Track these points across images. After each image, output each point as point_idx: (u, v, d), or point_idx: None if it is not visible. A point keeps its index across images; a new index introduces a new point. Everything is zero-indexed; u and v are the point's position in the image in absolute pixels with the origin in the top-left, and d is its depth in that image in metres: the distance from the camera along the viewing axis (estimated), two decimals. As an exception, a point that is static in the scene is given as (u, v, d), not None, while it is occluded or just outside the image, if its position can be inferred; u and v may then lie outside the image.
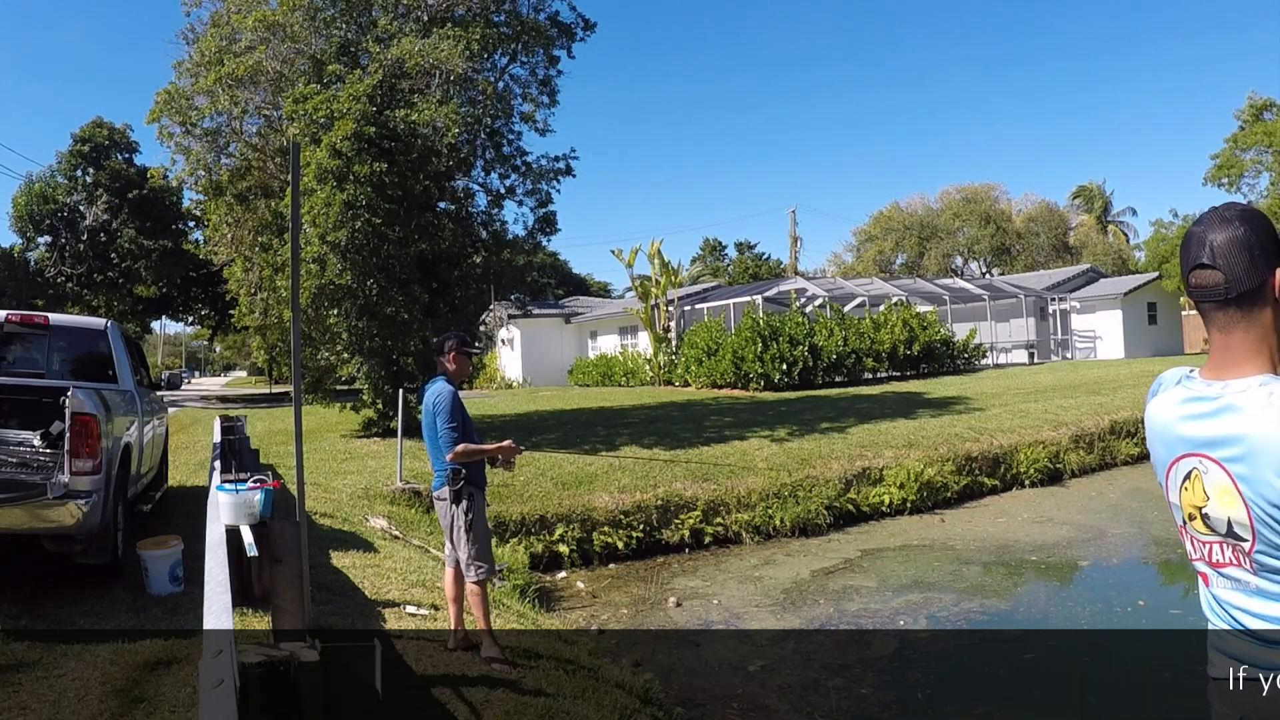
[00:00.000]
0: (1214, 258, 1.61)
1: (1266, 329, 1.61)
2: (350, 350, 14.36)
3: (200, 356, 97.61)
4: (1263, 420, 1.55)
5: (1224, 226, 1.61)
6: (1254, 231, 1.60)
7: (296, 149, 4.41)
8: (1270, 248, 1.60)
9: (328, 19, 15.14)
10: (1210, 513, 1.69)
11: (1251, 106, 29.93)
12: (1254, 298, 1.60)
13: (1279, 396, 1.54)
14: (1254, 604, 1.67)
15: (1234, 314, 1.62)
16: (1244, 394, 1.58)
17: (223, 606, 3.15)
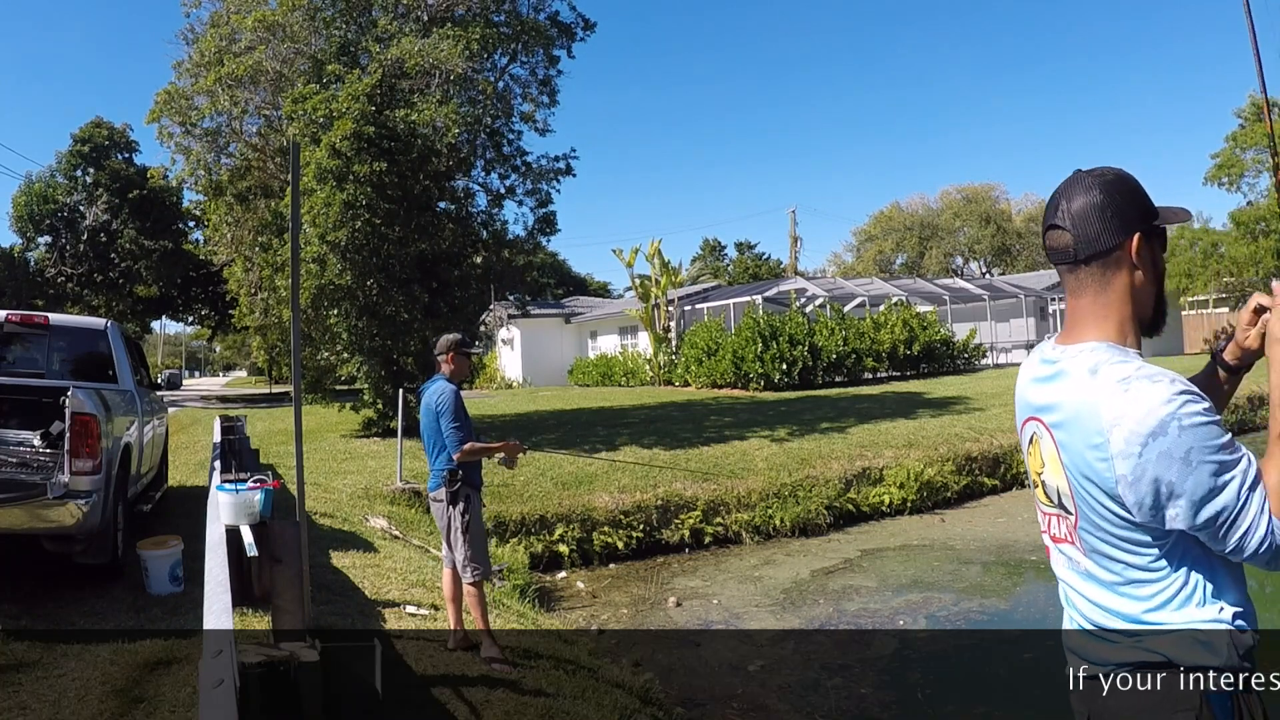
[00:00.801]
0: (1066, 220, 1.57)
1: (1120, 294, 1.57)
2: (350, 350, 14.36)
3: (200, 356, 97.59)
4: (1081, 388, 1.52)
5: (1082, 190, 1.57)
6: (1111, 195, 1.55)
7: (296, 149, 4.41)
8: (1129, 213, 1.55)
9: (327, 19, 15.14)
10: (1046, 480, 1.63)
11: (1254, 105, 29.90)
12: (1106, 262, 1.56)
13: (1103, 366, 1.51)
14: (1086, 588, 1.61)
15: (1084, 278, 1.58)
16: (1075, 359, 1.55)
17: (223, 606, 3.15)
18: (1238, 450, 1.46)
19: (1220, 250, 28.69)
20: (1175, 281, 29.42)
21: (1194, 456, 1.42)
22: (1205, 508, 1.43)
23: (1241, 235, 28.12)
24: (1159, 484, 1.44)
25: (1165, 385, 1.45)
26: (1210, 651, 1.50)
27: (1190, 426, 1.42)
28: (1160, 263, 1.60)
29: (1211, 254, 28.72)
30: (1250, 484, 1.45)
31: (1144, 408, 1.43)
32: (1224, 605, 1.52)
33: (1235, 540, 1.45)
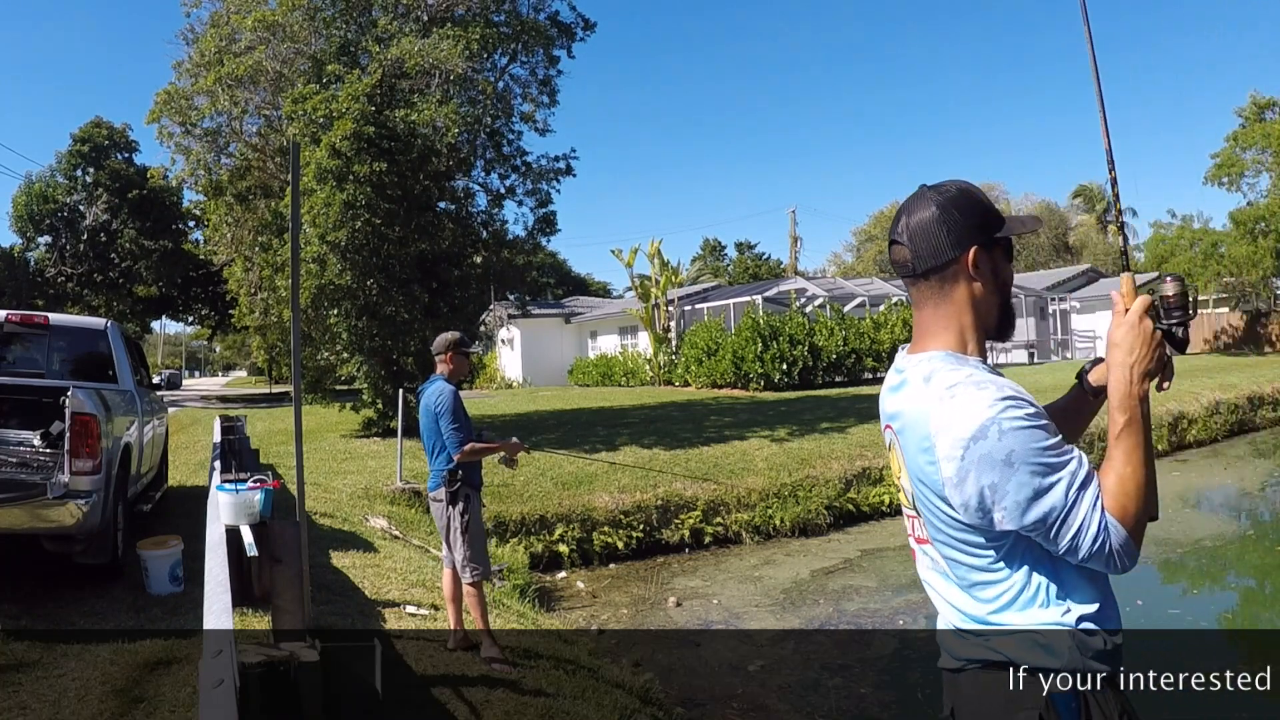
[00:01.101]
0: (904, 235, 1.62)
1: (959, 305, 1.60)
2: (350, 350, 14.37)
3: (200, 356, 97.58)
4: (916, 396, 1.57)
5: (920, 206, 1.61)
6: (947, 210, 1.58)
7: (296, 149, 4.41)
8: (965, 227, 1.58)
9: (327, 19, 15.14)
10: (902, 484, 1.69)
11: (1254, 104, 29.90)
12: (944, 275, 1.60)
13: (936, 374, 1.55)
14: (943, 587, 1.65)
15: (925, 290, 1.62)
16: (915, 368, 1.60)
17: (223, 606, 3.16)
18: (1067, 453, 1.48)
19: (1221, 250, 28.67)
20: (1175, 281, 29.40)
21: (1015, 459, 1.44)
22: (1032, 509, 1.45)
23: (1241, 235, 28.11)
24: (982, 486, 1.46)
25: (990, 391, 1.48)
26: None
27: (1011, 430, 1.45)
28: (1003, 273, 1.63)
29: (1212, 254, 28.70)
30: (1080, 484, 1.46)
31: (966, 413, 1.47)
32: (1069, 607, 1.53)
33: (1068, 541, 1.47)
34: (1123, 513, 1.48)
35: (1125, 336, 1.55)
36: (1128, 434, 1.51)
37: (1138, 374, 1.53)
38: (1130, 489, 1.49)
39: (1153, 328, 1.55)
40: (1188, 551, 10.19)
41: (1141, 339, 1.54)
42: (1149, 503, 1.50)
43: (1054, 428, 1.50)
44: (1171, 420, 17.30)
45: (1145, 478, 1.50)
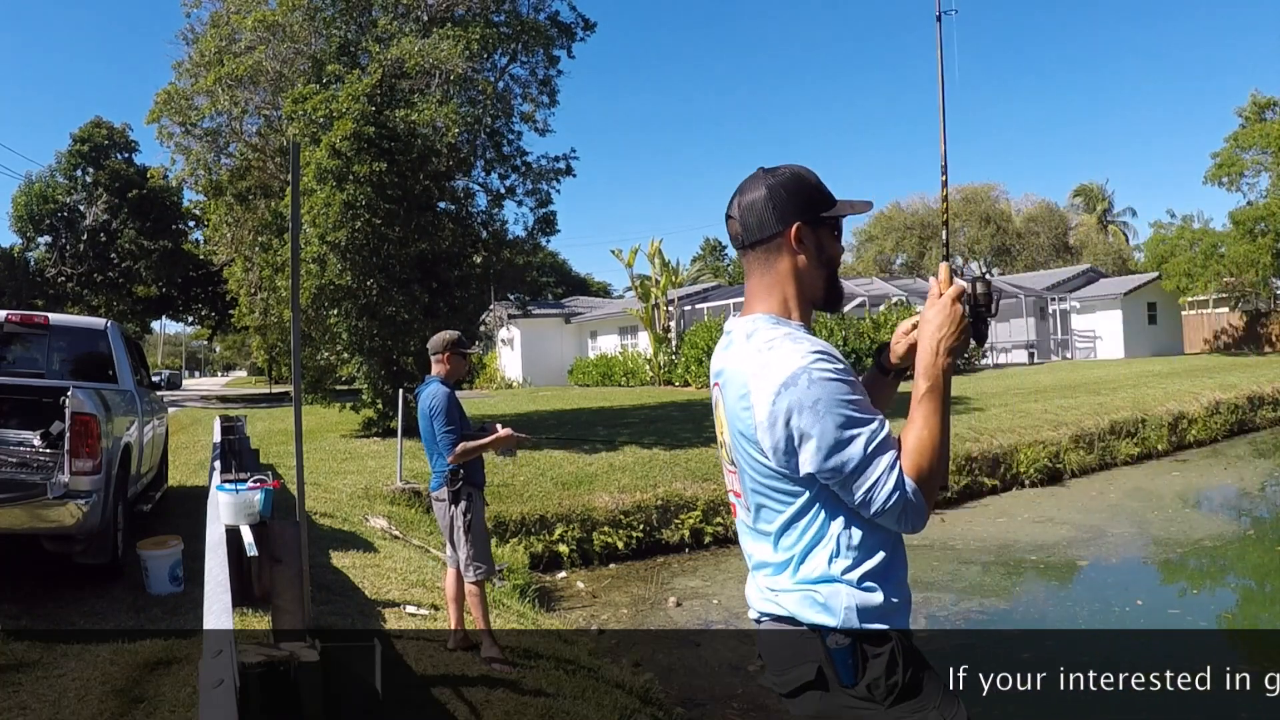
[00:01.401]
0: (736, 211, 1.76)
1: (782, 275, 1.73)
2: (350, 350, 14.37)
3: (200, 356, 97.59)
4: (738, 351, 1.70)
5: (752, 185, 1.75)
6: (774, 190, 1.72)
7: (296, 149, 4.41)
8: (791, 204, 1.71)
9: (327, 19, 15.14)
10: (723, 439, 1.79)
11: (1255, 104, 29.88)
12: (769, 247, 1.73)
13: (757, 332, 1.69)
14: (748, 540, 1.76)
15: (753, 260, 1.76)
16: (740, 328, 1.74)
17: (223, 606, 3.16)
18: (871, 414, 1.60)
19: (1220, 250, 28.65)
20: (1175, 281, 29.40)
21: (821, 406, 1.57)
22: (832, 456, 1.57)
23: (1241, 235, 28.10)
24: (790, 428, 1.58)
25: (805, 345, 1.62)
26: (827, 611, 1.63)
27: (820, 380, 1.58)
28: (829, 249, 1.76)
29: (1212, 254, 28.68)
30: (879, 444, 1.58)
31: (781, 362, 1.60)
32: (851, 567, 1.63)
33: (863, 492, 1.58)
34: (917, 471, 1.59)
35: (937, 315, 1.70)
36: (928, 399, 1.64)
37: (944, 348, 1.68)
38: (925, 449, 1.61)
39: (962, 312, 1.71)
40: (1188, 551, 10.19)
41: (951, 319, 1.69)
42: (941, 466, 1.62)
43: (862, 389, 1.63)
44: (1171, 420, 17.30)
45: (940, 441, 1.62)
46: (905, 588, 1.69)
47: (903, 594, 1.67)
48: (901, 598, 1.67)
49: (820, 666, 1.64)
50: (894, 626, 1.65)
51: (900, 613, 1.66)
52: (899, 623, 1.66)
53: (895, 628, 1.65)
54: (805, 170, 1.77)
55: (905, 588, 1.69)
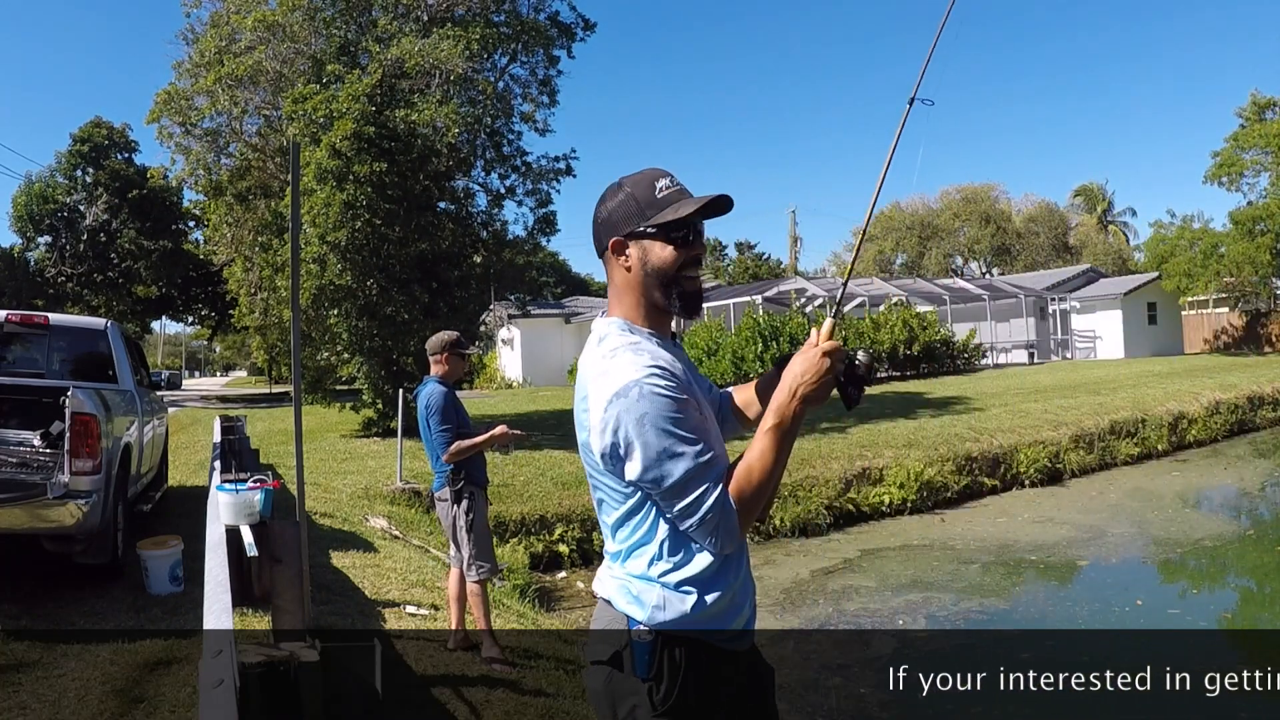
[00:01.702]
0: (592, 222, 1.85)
1: (621, 285, 1.80)
2: (350, 350, 14.37)
3: (200, 356, 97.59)
4: (587, 354, 1.79)
5: (598, 202, 1.83)
6: (604, 204, 1.80)
7: (296, 149, 4.41)
8: (611, 220, 1.78)
9: (327, 19, 15.15)
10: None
11: (1255, 104, 29.86)
12: (607, 259, 1.81)
13: (606, 338, 1.76)
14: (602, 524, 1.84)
15: (606, 268, 1.84)
16: (598, 330, 1.82)
17: (223, 606, 3.16)
18: (698, 435, 1.65)
19: (1220, 250, 28.64)
20: (1175, 281, 29.39)
21: (648, 421, 1.62)
22: (651, 470, 1.63)
23: (1241, 235, 28.10)
24: (618, 437, 1.65)
25: (644, 359, 1.67)
26: (637, 604, 1.72)
27: (651, 395, 1.63)
28: (653, 259, 1.77)
29: (1212, 254, 28.68)
30: (700, 465, 1.63)
31: (617, 372, 1.66)
32: (670, 571, 1.70)
33: (679, 509, 1.65)
34: (739, 495, 1.65)
35: (803, 362, 1.73)
36: (771, 435, 1.69)
37: (800, 393, 1.70)
38: (753, 479, 1.66)
39: (828, 366, 1.72)
40: (1188, 551, 10.19)
41: (815, 369, 1.71)
42: (761, 497, 1.67)
43: (695, 410, 1.68)
44: (1171, 420, 17.30)
45: (768, 476, 1.67)
46: (731, 597, 1.75)
47: (724, 603, 1.73)
48: (722, 607, 1.73)
49: (619, 651, 1.72)
50: (705, 631, 1.72)
51: (718, 620, 1.73)
52: (715, 627, 1.73)
53: (706, 632, 1.72)
54: (640, 178, 1.79)
55: (731, 597, 1.75)
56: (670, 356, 1.73)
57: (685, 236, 1.79)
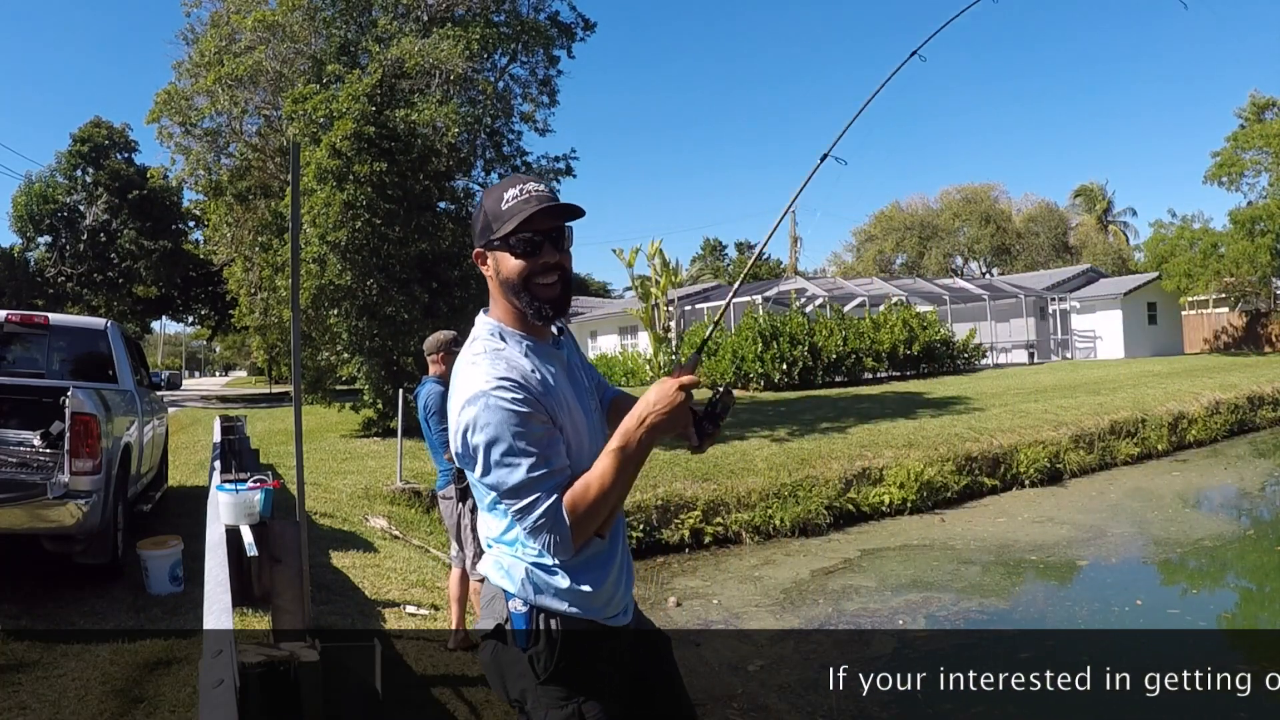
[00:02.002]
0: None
1: (493, 291, 1.92)
2: (350, 350, 14.37)
3: (200, 356, 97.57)
4: (461, 354, 1.91)
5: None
6: (474, 218, 1.92)
7: (296, 149, 4.41)
8: (473, 234, 1.91)
9: (327, 19, 15.15)
10: None
11: (1254, 105, 29.87)
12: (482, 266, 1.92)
13: (476, 340, 1.89)
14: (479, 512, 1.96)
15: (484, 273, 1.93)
16: (474, 330, 1.94)
17: (223, 606, 3.16)
18: (539, 447, 1.75)
19: (1220, 250, 28.65)
20: (1175, 281, 29.39)
21: (490, 430, 1.74)
22: (490, 474, 1.76)
23: (1241, 235, 28.10)
24: (467, 439, 1.78)
25: (499, 368, 1.78)
26: (509, 579, 1.85)
27: (496, 406, 1.74)
28: (504, 269, 1.86)
29: (1211, 254, 28.68)
30: (537, 477, 1.74)
31: (472, 379, 1.79)
32: (535, 552, 1.81)
33: (514, 513, 1.78)
34: (573, 508, 1.74)
35: (656, 393, 1.84)
36: (615, 456, 1.77)
37: (649, 422, 1.80)
38: (590, 496, 1.75)
39: (681, 400, 1.82)
40: (1187, 551, 10.19)
41: (668, 402, 1.82)
42: (597, 513, 1.76)
43: (540, 421, 1.76)
44: (1171, 420, 17.30)
45: (606, 495, 1.75)
46: (600, 579, 1.84)
47: (595, 585, 1.83)
48: (593, 587, 1.83)
49: (500, 624, 1.85)
50: (581, 612, 1.83)
51: (587, 602, 1.83)
52: (587, 611, 1.83)
53: (582, 614, 1.83)
54: (495, 190, 1.89)
55: (600, 579, 1.84)
56: (529, 366, 1.82)
57: (528, 247, 1.83)
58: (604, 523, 1.80)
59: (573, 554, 1.78)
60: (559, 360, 1.92)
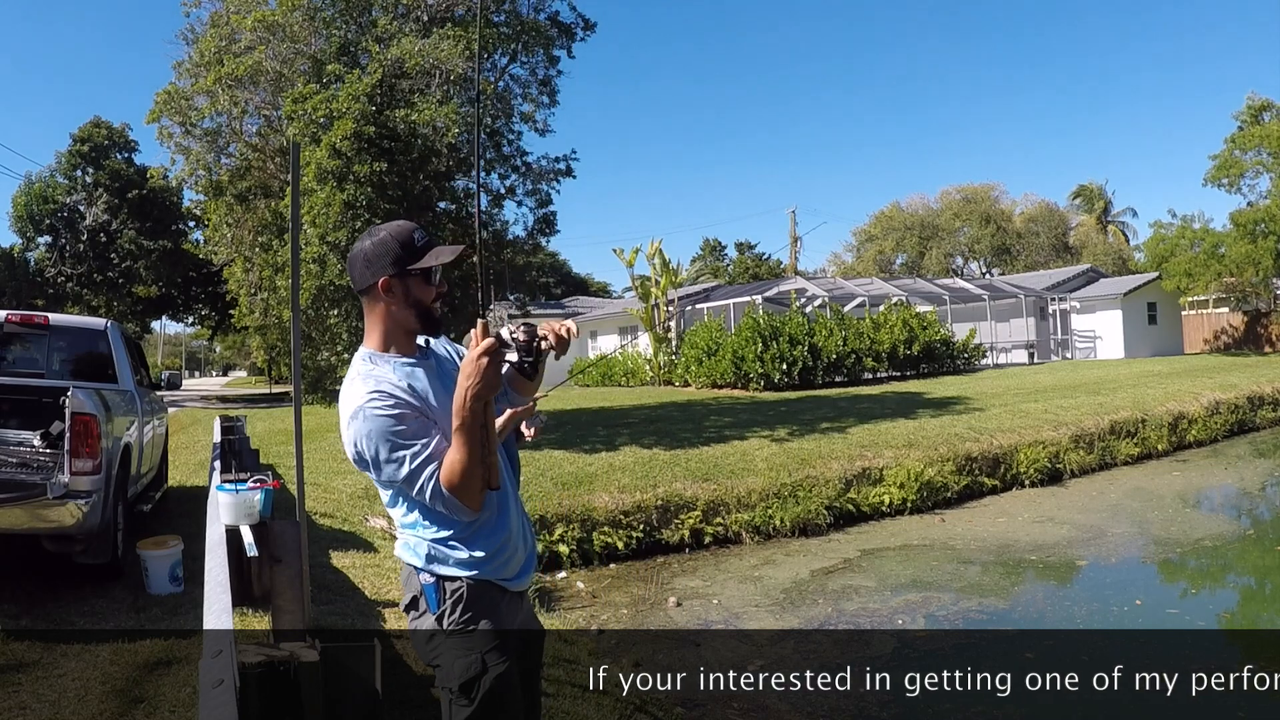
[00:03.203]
0: (348, 263, 2.28)
1: (378, 317, 2.23)
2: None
3: (200, 356, 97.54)
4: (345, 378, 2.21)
5: (359, 243, 2.24)
6: (368, 250, 2.20)
7: (296, 149, 4.41)
8: (379, 262, 2.18)
9: (327, 19, 15.14)
10: None
11: (1250, 108, 29.87)
12: (367, 296, 2.22)
13: (354, 365, 2.22)
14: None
15: (364, 302, 2.25)
16: (355, 357, 2.25)
17: (223, 606, 3.16)
18: (415, 439, 2.10)
19: (1221, 251, 28.65)
20: (1175, 281, 29.40)
21: (375, 436, 2.10)
22: (385, 469, 2.12)
23: (1242, 235, 28.10)
24: (358, 449, 2.13)
25: (370, 385, 2.13)
26: (416, 555, 2.22)
27: (373, 415, 2.10)
28: (415, 293, 2.21)
29: (1213, 255, 28.69)
30: (420, 461, 2.10)
31: (349, 398, 2.15)
32: (433, 531, 2.19)
33: (415, 491, 2.12)
34: (449, 481, 2.08)
35: (465, 369, 2.06)
36: (461, 434, 2.06)
37: (471, 395, 2.04)
38: (455, 468, 2.07)
39: (486, 363, 2.03)
40: (1187, 551, 10.19)
41: (475, 370, 2.03)
42: (469, 479, 2.07)
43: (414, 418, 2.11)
44: (1171, 420, 17.31)
45: (467, 464, 2.06)
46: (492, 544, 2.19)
47: (488, 550, 2.19)
48: (485, 551, 2.18)
49: (415, 596, 2.22)
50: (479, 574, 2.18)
51: (484, 565, 2.18)
52: (484, 573, 2.18)
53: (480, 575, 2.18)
54: (398, 230, 2.21)
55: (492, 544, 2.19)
56: (396, 377, 2.15)
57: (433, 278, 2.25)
58: (485, 481, 2.09)
59: (476, 513, 2.12)
60: (427, 367, 2.24)
